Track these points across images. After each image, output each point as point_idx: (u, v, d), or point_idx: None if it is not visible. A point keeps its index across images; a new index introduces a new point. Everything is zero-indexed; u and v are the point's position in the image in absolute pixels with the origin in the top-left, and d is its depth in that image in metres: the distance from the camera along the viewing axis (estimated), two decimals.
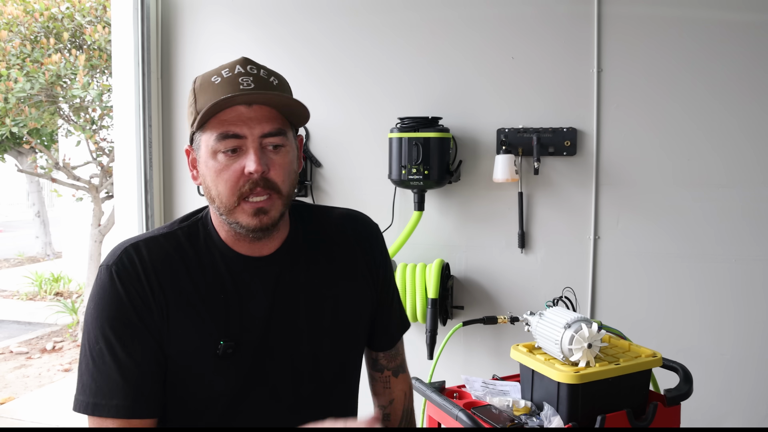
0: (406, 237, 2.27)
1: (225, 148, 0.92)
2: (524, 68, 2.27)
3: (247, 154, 0.92)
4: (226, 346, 0.94)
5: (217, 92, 0.92)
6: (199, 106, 0.94)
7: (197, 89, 0.95)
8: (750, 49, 2.11)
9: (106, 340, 0.91)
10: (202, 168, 0.96)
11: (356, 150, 2.42)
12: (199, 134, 0.95)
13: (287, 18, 2.46)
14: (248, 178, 0.92)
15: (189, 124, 0.98)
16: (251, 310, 0.98)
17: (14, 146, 6.54)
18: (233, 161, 0.92)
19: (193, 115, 0.95)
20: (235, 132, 0.91)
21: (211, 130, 0.93)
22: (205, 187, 0.97)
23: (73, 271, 7.45)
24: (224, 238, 1.00)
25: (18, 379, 4.43)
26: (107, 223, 5.44)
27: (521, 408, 1.29)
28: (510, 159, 2.19)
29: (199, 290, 0.96)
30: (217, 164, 0.93)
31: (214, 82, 0.93)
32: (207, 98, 0.93)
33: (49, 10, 4.90)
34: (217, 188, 0.94)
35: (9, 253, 9.83)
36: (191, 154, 1.00)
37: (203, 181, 0.97)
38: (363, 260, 1.11)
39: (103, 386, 0.90)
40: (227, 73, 0.94)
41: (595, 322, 1.26)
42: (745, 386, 2.19)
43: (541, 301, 1.83)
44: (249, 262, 1.00)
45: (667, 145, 2.18)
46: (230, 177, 0.92)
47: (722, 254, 2.17)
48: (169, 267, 0.96)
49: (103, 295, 0.93)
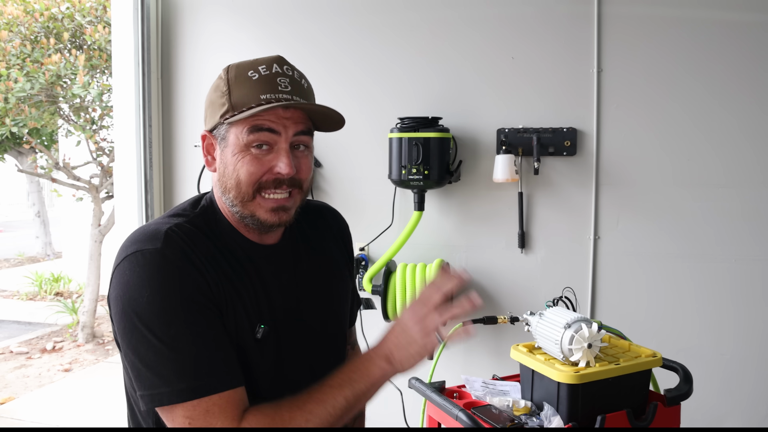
0: (406, 237, 2.27)
1: (257, 141, 0.94)
2: (524, 68, 2.27)
3: (279, 154, 0.95)
4: (265, 330, 0.97)
5: (254, 88, 0.93)
6: (235, 98, 0.94)
7: (232, 80, 0.95)
8: (750, 49, 2.11)
9: (183, 322, 0.87)
10: (226, 157, 0.96)
11: (356, 150, 2.42)
12: (227, 125, 0.95)
13: (287, 18, 2.46)
14: (275, 176, 0.95)
15: (214, 112, 0.97)
16: (276, 295, 1.02)
17: (14, 146, 6.54)
18: (262, 156, 0.95)
19: (225, 106, 0.95)
20: (271, 126, 0.94)
21: (243, 122, 0.93)
22: (222, 177, 0.97)
23: (73, 271, 7.45)
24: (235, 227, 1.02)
25: (18, 379, 4.43)
26: (107, 223, 5.44)
27: (521, 408, 1.29)
28: (510, 159, 2.19)
29: (235, 273, 0.97)
30: (245, 156, 0.94)
31: (251, 77, 0.94)
32: (243, 92, 0.93)
33: (49, 10, 4.90)
34: (237, 178, 0.95)
35: (9, 253, 9.83)
36: (207, 140, 1.00)
37: (223, 170, 0.97)
38: (341, 245, 1.21)
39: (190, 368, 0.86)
40: (264, 70, 0.95)
41: (595, 322, 1.26)
42: (745, 386, 2.19)
43: (541, 301, 1.83)
44: (261, 250, 1.03)
45: (667, 145, 2.18)
46: (256, 170, 0.94)
47: (722, 254, 2.17)
48: (207, 250, 0.95)
49: (165, 278, 0.88)
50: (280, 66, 0.96)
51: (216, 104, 0.97)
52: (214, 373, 0.88)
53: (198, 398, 0.86)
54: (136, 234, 0.95)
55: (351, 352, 1.29)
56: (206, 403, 0.86)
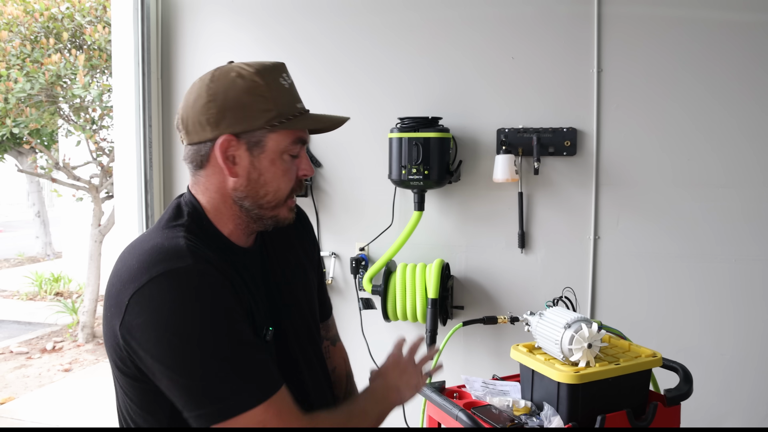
0: (406, 237, 2.27)
1: (295, 152, 1.00)
2: (524, 68, 2.27)
3: (302, 159, 1.02)
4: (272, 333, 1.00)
5: (289, 96, 0.99)
6: (281, 105, 0.96)
7: (271, 85, 0.96)
8: (750, 49, 2.11)
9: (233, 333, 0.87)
10: (261, 163, 0.97)
11: (356, 150, 2.42)
12: (266, 131, 0.96)
13: (287, 18, 2.46)
14: (301, 180, 1.03)
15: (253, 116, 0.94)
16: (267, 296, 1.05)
17: (14, 146, 6.53)
18: (292, 163, 1.01)
19: (271, 111, 0.95)
20: (303, 137, 1.01)
21: (289, 132, 0.98)
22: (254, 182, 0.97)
23: (73, 271, 7.44)
24: (227, 233, 1.01)
25: (18, 379, 4.43)
26: (107, 223, 5.44)
27: (521, 408, 1.30)
28: (510, 159, 2.19)
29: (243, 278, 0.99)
30: (284, 164, 0.99)
31: (283, 85, 0.99)
32: (285, 101, 0.98)
33: (49, 10, 4.90)
34: (278, 185, 0.99)
35: (9, 253, 9.82)
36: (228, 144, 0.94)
37: (257, 176, 0.97)
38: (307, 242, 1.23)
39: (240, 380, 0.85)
40: (287, 77, 1.00)
41: (595, 322, 1.26)
42: (745, 386, 2.19)
43: (541, 301, 1.83)
44: (246, 253, 1.04)
45: (667, 145, 2.18)
46: (292, 177, 1.01)
47: (722, 254, 2.17)
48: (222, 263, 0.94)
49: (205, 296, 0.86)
50: (288, 75, 1.02)
51: (253, 108, 0.94)
52: (262, 379, 0.88)
53: (268, 400, 0.86)
54: (151, 253, 0.89)
55: (332, 348, 1.30)
56: (277, 404, 0.87)
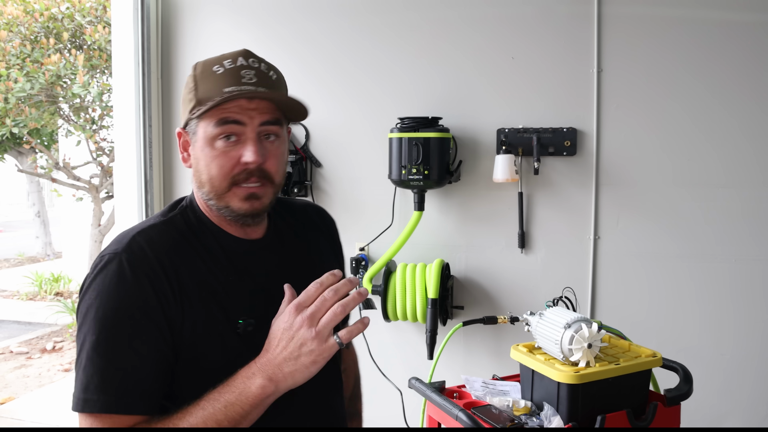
0: (406, 237, 2.27)
1: (223, 133, 0.94)
2: (524, 68, 2.27)
3: (245, 144, 0.95)
4: (245, 324, 0.96)
5: (218, 82, 0.95)
6: (200, 93, 0.96)
7: (198, 76, 0.98)
8: (750, 49, 2.11)
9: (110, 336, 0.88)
10: (196, 152, 0.98)
11: (356, 150, 2.42)
12: (197, 119, 0.97)
13: (287, 18, 2.46)
14: (244, 167, 0.95)
15: (185, 109, 0.99)
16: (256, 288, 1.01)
17: (14, 146, 6.54)
18: (230, 148, 0.95)
19: (192, 101, 0.97)
20: (236, 118, 0.94)
21: (209, 116, 0.95)
22: (196, 171, 0.99)
23: (73, 271, 7.45)
24: (217, 223, 1.03)
25: (18, 379, 4.43)
26: (107, 223, 5.44)
27: (521, 408, 1.30)
28: (510, 159, 2.19)
29: (212, 271, 0.97)
30: (213, 150, 0.95)
31: (215, 72, 0.96)
32: (208, 87, 0.95)
33: (49, 11, 4.90)
34: (209, 173, 0.96)
35: (9, 253, 9.83)
36: (183, 137, 1.02)
37: (195, 165, 0.99)
38: (329, 243, 1.21)
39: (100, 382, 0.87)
40: (229, 63, 0.96)
41: (595, 322, 1.26)
42: (745, 386, 2.19)
43: (541, 301, 1.83)
44: (245, 245, 1.03)
45: (667, 145, 2.18)
46: (225, 163, 0.95)
47: (722, 254, 2.17)
48: (181, 251, 0.96)
49: (109, 286, 0.89)
50: (246, 59, 0.98)
51: (185, 100, 0.99)
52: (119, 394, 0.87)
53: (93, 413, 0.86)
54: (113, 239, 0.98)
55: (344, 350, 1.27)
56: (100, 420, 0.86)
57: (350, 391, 1.28)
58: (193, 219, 1.02)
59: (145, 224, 0.99)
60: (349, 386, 1.28)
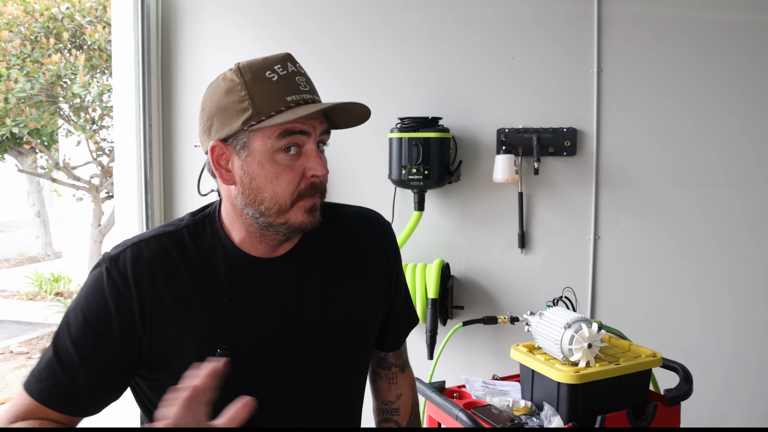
0: (406, 237, 2.27)
1: (287, 145, 0.87)
2: (524, 68, 2.27)
3: (309, 155, 0.89)
4: (224, 353, 0.90)
5: (277, 90, 0.87)
6: (259, 102, 0.86)
7: (250, 82, 0.87)
8: (750, 49, 2.11)
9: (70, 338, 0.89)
10: (251, 167, 0.88)
11: (356, 150, 2.42)
12: (249, 132, 0.88)
13: (287, 18, 2.46)
14: (310, 181, 0.89)
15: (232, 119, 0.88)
16: (256, 312, 0.94)
17: (14, 146, 6.54)
18: (293, 161, 0.89)
19: (248, 111, 0.87)
20: (302, 129, 0.88)
21: (272, 128, 0.87)
22: (249, 189, 0.90)
23: (73, 271, 7.45)
24: (238, 241, 0.95)
25: (18, 379, 4.43)
26: (107, 223, 5.44)
27: (521, 408, 1.30)
28: (510, 159, 2.19)
29: (201, 293, 0.92)
30: (276, 165, 0.88)
31: (270, 78, 0.88)
32: (268, 96, 0.87)
33: (49, 11, 4.90)
34: (273, 190, 0.88)
35: (9, 253, 9.83)
36: (219, 151, 0.91)
37: (249, 182, 0.89)
38: (376, 259, 1.06)
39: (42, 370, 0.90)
40: (281, 70, 0.89)
41: (595, 322, 1.26)
42: (745, 386, 2.19)
43: (541, 301, 1.83)
44: (258, 264, 0.96)
45: (667, 145, 2.18)
46: (292, 179, 0.88)
47: (722, 254, 2.17)
48: (169, 269, 0.92)
49: (87, 290, 0.92)
50: (294, 64, 0.91)
51: (232, 110, 0.88)
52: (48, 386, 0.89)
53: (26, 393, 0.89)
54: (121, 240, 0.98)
55: (400, 374, 1.18)
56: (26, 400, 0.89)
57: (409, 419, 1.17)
58: (207, 232, 0.96)
59: (148, 234, 0.96)
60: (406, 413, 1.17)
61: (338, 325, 1.00)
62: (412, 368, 1.21)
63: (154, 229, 0.99)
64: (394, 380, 1.17)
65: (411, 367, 1.21)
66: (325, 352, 0.99)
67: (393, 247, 1.11)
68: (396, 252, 1.12)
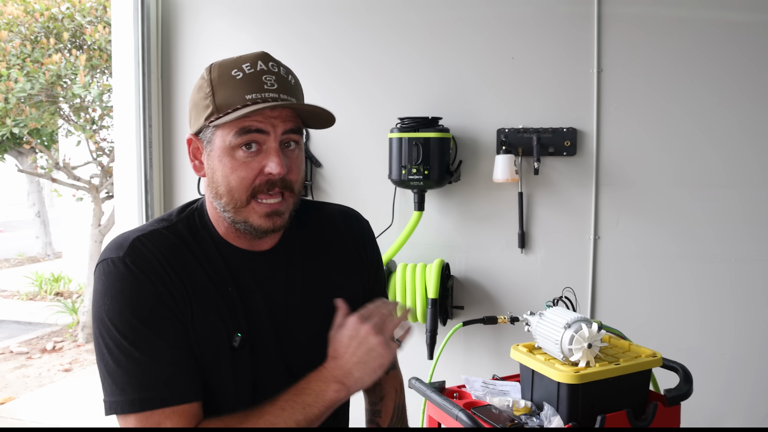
0: (406, 237, 2.27)
1: (245, 142, 0.90)
2: (524, 68, 2.27)
3: (268, 153, 0.91)
4: (242, 339, 0.94)
5: (239, 88, 0.89)
6: (219, 99, 0.90)
7: (215, 80, 0.91)
8: (750, 49, 2.11)
9: (138, 332, 0.86)
10: (213, 162, 0.93)
11: (356, 150, 2.42)
12: (212, 128, 0.92)
13: (287, 18, 2.46)
14: (267, 177, 0.91)
15: (199, 115, 0.93)
16: (255, 303, 0.98)
17: (14, 146, 6.54)
18: (251, 159, 0.91)
19: (209, 108, 0.91)
20: (259, 127, 0.90)
21: (229, 124, 0.90)
22: (212, 182, 0.94)
23: (73, 271, 7.45)
24: (222, 233, 0.99)
25: (18, 379, 4.43)
26: (107, 223, 5.44)
27: (521, 408, 1.29)
28: (510, 159, 2.19)
29: (212, 281, 0.94)
30: (233, 161, 0.91)
31: (235, 77, 0.90)
32: (228, 93, 0.89)
33: (49, 10, 4.90)
34: (228, 184, 0.91)
35: (9, 253, 9.82)
36: (194, 144, 0.97)
37: (211, 175, 0.94)
38: (356, 256, 1.11)
39: (145, 379, 0.86)
40: (249, 68, 0.91)
41: (595, 322, 1.26)
42: (745, 386, 2.19)
43: (541, 301, 1.83)
44: (247, 257, 0.99)
45: (667, 145, 2.18)
46: (247, 175, 0.91)
47: (722, 254, 2.17)
48: (181, 257, 0.93)
49: (123, 287, 0.88)
50: (265, 63, 0.92)
51: (200, 106, 0.93)
52: (169, 386, 0.86)
53: (150, 410, 0.85)
54: (109, 243, 0.95)
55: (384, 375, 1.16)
56: (159, 416, 0.85)
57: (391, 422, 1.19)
58: (198, 225, 0.99)
59: (145, 229, 0.95)
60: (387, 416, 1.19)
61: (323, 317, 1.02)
62: (400, 370, 1.23)
63: (144, 225, 0.98)
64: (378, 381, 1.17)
65: (399, 370, 1.23)
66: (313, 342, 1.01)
67: (372, 243, 1.16)
68: (375, 248, 1.17)
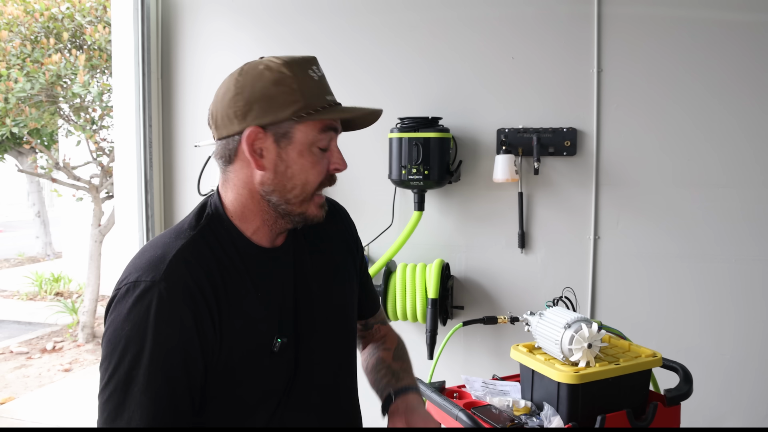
0: (406, 237, 2.27)
1: (324, 144, 0.97)
2: (524, 68, 2.27)
3: (334, 151, 1.00)
4: (281, 342, 0.96)
5: (318, 88, 0.97)
6: (309, 96, 0.94)
7: (300, 77, 0.95)
8: (750, 49, 2.11)
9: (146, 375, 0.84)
10: (289, 155, 0.94)
11: (356, 150, 2.41)
12: (293, 122, 0.93)
13: (287, 18, 2.46)
14: (332, 174, 1.00)
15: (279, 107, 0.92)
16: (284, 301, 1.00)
17: (14, 146, 6.53)
18: (323, 155, 0.98)
19: (298, 102, 0.93)
20: (335, 126, 0.98)
21: (313, 123, 0.95)
22: (281, 175, 0.94)
23: (73, 271, 7.45)
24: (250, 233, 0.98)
25: (18, 379, 4.43)
26: (107, 223, 5.44)
27: (521, 408, 1.30)
28: (510, 159, 2.19)
29: (251, 287, 0.94)
30: (313, 156, 0.96)
31: (312, 77, 0.97)
32: (314, 91, 0.95)
33: (49, 10, 4.90)
34: (306, 178, 0.96)
35: (9, 253, 9.82)
36: (255, 136, 0.93)
37: (284, 168, 0.94)
38: (347, 238, 1.18)
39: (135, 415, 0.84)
40: (317, 70, 0.99)
41: (595, 322, 1.26)
42: (745, 386, 2.19)
43: (541, 301, 1.83)
44: (269, 254, 1.00)
45: (667, 146, 2.18)
46: (322, 170, 0.98)
47: (722, 254, 2.17)
48: (220, 270, 0.91)
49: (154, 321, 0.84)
50: (318, 67, 1.00)
51: (279, 100, 0.93)
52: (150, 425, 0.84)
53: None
54: (141, 257, 0.90)
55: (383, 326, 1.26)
56: None
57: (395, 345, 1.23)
58: (221, 229, 0.96)
59: (177, 242, 0.91)
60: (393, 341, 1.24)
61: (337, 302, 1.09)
62: None
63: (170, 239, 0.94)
64: (379, 331, 1.26)
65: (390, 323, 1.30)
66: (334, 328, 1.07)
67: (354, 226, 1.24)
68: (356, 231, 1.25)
